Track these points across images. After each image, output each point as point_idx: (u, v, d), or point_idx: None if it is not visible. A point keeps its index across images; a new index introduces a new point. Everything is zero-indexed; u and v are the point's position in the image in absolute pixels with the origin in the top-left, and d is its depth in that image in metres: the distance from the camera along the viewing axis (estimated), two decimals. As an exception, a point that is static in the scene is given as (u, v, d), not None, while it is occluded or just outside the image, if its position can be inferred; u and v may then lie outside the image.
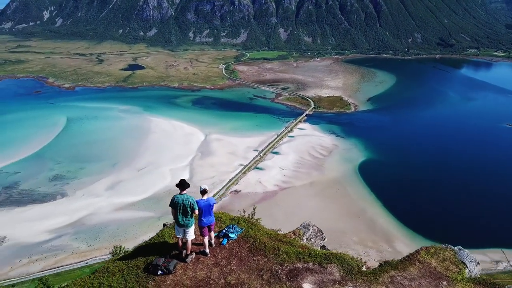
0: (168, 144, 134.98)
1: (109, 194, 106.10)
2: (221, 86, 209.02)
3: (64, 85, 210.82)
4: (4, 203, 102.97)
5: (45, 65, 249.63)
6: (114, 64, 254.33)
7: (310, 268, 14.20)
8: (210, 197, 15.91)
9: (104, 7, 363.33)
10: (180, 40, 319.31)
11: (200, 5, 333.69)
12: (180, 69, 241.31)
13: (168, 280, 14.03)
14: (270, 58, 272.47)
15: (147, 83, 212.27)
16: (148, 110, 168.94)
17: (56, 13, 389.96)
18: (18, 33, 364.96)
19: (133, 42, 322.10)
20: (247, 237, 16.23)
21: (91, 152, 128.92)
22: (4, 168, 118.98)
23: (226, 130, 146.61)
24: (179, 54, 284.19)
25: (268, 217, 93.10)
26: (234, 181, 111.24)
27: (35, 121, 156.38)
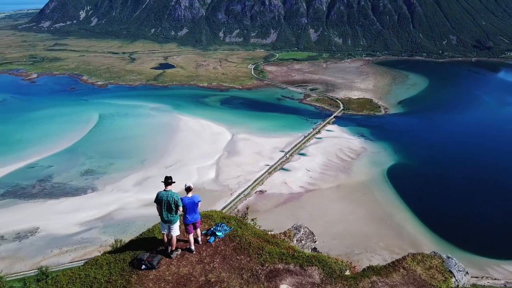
0: (196, 143, 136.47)
1: (137, 189, 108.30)
2: (249, 86, 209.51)
3: (97, 82, 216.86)
4: (38, 195, 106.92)
5: (80, 63, 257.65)
6: (146, 62, 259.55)
7: (291, 269, 14.10)
8: (195, 194, 16.20)
9: (137, 7, 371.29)
10: (210, 40, 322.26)
11: (231, 5, 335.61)
12: (210, 68, 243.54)
13: (151, 275, 14.34)
14: (300, 58, 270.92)
15: (177, 82, 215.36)
16: (177, 108, 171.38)
17: (91, 12, 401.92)
18: (56, 32, 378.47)
19: (165, 41, 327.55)
20: (234, 236, 16.31)
21: (121, 148, 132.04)
22: (40, 161, 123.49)
23: (253, 130, 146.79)
24: (209, 54, 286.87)
25: (292, 219, 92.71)
26: (259, 181, 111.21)
27: (69, 117, 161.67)
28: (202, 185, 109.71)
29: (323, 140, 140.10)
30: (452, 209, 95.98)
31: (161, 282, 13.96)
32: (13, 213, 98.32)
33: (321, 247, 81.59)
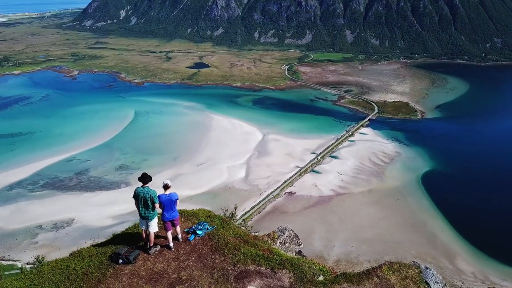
0: (227, 142, 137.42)
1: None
2: (282, 87, 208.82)
3: (134, 80, 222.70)
4: (75, 187, 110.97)
5: (118, 61, 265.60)
6: (181, 62, 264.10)
7: (261, 271, 13.96)
8: (172, 192, 16.26)
9: (175, 7, 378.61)
10: (245, 40, 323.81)
11: (267, 6, 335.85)
12: (244, 68, 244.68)
13: (126, 270, 14.60)
14: (335, 60, 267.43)
15: (211, 82, 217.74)
16: (210, 107, 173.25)
17: (131, 12, 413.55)
18: (97, 31, 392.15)
19: (200, 41, 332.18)
20: (214, 235, 16.28)
21: (155, 145, 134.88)
22: (78, 155, 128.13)
23: (284, 131, 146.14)
24: (243, 54, 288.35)
25: (321, 222, 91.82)
26: (289, 183, 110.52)
27: (106, 113, 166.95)
28: (232, 184, 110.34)
29: (356, 143, 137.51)
30: (490, 220, 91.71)
31: (135, 277, 14.21)
32: (51, 204, 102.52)
33: (350, 252, 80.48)
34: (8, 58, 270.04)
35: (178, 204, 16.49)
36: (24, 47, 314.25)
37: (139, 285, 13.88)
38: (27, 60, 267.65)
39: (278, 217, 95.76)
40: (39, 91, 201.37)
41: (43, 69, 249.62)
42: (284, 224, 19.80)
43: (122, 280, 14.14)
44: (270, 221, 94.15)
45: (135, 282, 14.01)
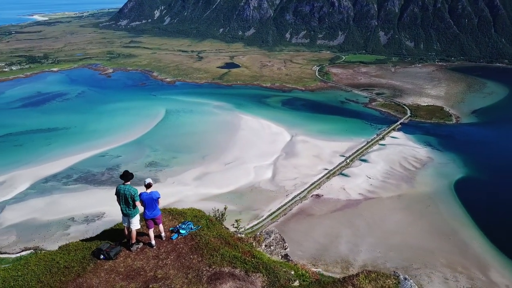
0: (255, 142, 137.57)
1: (197, 184, 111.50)
2: (312, 88, 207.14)
3: (166, 79, 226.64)
4: (106, 182, 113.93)
5: (151, 60, 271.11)
6: (212, 61, 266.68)
7: (235, 274, 13.86)
8: (154, 191, 16.46)
9: (208, 7, 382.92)
10: (276, 41, 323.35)
11: (299, 6, 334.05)
12: (274, 69, 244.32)
13: (106, 265, 14.87)
14: (367, 61, 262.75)
15: (241, 82, 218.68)
16: (239, 107, 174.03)
17: (165, 12, 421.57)
18: (132, 30, 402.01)
19: (232, 41, 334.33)
20: (196, 235, 16.20)
21: (184, 143, 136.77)
22: (109, 151, 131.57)
23: (313, 133, 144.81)
24: (274, 55, 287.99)
25: (348, 226, 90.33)
26: (316, 185, 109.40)
27: (138, 110, 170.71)
28: (258, 184, 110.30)
29: (387, 147, 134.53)
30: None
31: (113, 273, 14.42)
32: (83, 197, 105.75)
33: (377, 257, 78.75)
34: (48, 56, 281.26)
35: (160, 202, 16.64)
36: (63, 45, 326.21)
37: (116, 281, 14.08)
38: (65, 58, 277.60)
39: (304, 220, 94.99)
40: (75, 88, 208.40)
41: (80, 66, 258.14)
42: (270, 227, 19.49)
43: (100, 275, 14.41)
44: (296, 223, 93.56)
45: (112, 278, 14.24)
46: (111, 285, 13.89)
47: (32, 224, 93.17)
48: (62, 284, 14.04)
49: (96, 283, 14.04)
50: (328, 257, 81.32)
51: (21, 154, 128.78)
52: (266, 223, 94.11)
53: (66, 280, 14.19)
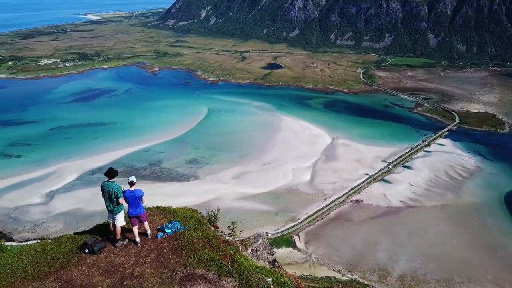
0: (295, 144, 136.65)
1: (235, 182, 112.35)
2: (356, 91, 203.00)
3: (209, 78, 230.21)
4: (148, 177, 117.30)
5: (196, 59, 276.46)
6: (255, 62, 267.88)
7: (207, 277, 13.84)
8: (137, 188, 16.47)
9: (253, 8, 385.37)
10: (321, 42, 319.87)
11: (345, 8, 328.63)
12: (317, 70, 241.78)
13: (89, 259, 15.19)
14: (414, 65, 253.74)
15: (283, 82, 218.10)
16: (280, 108, 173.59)
17: (211, 12, 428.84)
18: (178, 30, 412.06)
19: (275, 41, 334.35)
20: (180, 235, 16.13)
21: (224, 142, 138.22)
22: (153, 147, 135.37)
23: (354, 136, 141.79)
24: (318, 56, 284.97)
25: (388, 234, 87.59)
26: (356, 190, 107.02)
27: (182, 109, 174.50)
28: (296, 187, 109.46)
29: (432, 154, 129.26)
30: None
31: (93, 268, 14.68)
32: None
33: (417, 268, 75.94)
34: (99, 53, 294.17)
35: (144, 200, 16.68)
36: (113, 44, 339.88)
37: (94, 275, 14.30)
38: (115, 56, 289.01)
39: (342, 225, 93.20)
40: (123, 84, 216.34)
41: (128, 64, 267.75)
42: (259, 231, 19.03)
43: (81, 269, 14.71)
44: (333, 228, 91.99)
45: (91, 272, 14.49)
46: (89, 279, 14.16)
47: (78, 213, 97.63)
48: (44, 275, 14.45)
49: (75, 276, 14.36)
50: (365, 264, 79.24)
51: (70, 146, 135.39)
52: (303, 226, 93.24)
53: (49, 271, 14.63)
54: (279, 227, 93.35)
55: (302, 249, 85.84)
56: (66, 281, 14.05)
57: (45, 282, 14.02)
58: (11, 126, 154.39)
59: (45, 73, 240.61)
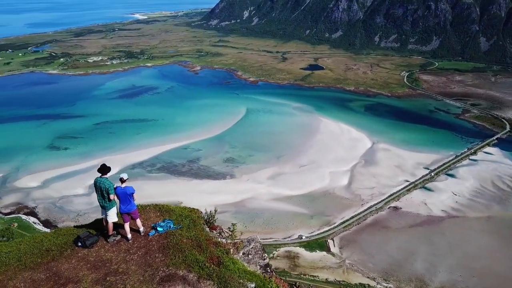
0: (333, 146, 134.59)
1: (270, 183, 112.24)
2: (399, 94, 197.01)
3: (249, 78, 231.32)
4: (186, 173, 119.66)
5: (237, 59, 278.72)
6: (296, 63, 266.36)
7: (187, 279, 13.74)
8: (128, 186, 16.40)
9: (296, 9, 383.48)
10: (364, 44, 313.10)
11: (391, 9, 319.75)
12: (359, 73, 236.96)
13: (80, 253, 15.36)
14: (463, 69, 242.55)
15: (323, 84, 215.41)
16: (319, 110, 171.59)
17: (254, 12, 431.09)
18: (221, 29, 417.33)
19: (317, 43, 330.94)
20: (170, 234, 16.17)
21: (261, 142, 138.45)
22: (192, 144, 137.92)
23: (396, 141, 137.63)
24: (360, 58, 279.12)
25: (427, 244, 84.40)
26: (395, 197, 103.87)
27: (221, 108, 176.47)
28: (332, 190, 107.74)
29: (479, 163, 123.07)
30: None
31: (82, 261, 14.84)
32: (164, 186, 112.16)
33: (457, 282, 72.59)
34: (144, 52, 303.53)
35: (135, 198, 16.66)
36: (158, 43, 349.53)
37: (81, 269, 14.43)
38: (159, 54, 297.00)
39: (378, 231, 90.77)
40: (165, 83, 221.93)
41: (171, 63, 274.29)
42: (252, 235, 18.32)
43: (71, 261, 14.89)
44: (369, 234, 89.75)
45: (79, 266, 14.64)
46: (76, 272, 14.33)
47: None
48: (36, 265, 14.77)
49: (64, 268, 14.59)
50: (402, 273, 76.66)
51: (113, 141, 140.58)
52: (338, 230, 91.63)
53: (41, 262, 14.91)
54: (313, 231, 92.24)
55: (336, 254, 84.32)
56: (55, 272, 14.35)
57: (35, 272, 14.38)
58: (60, 120, 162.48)
59: (93, 70, 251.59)
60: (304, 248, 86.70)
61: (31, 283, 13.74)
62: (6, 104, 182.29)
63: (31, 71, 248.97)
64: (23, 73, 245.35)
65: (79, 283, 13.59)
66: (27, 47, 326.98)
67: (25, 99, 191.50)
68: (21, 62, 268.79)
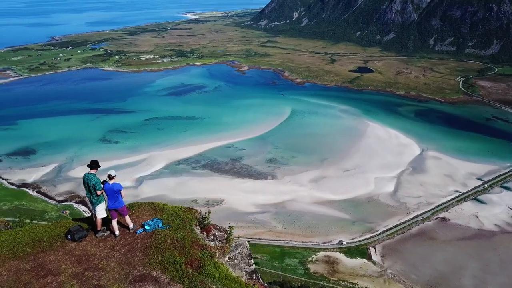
0: (379, 152, 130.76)
1: (312, 186, 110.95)
2: (453, 100, 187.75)
3: (296, 79, 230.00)
4: (228, 172, 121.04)
5: (284, 60, 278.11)
6: (345, 65, 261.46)
7: (159, 280, 13.61)
8: (116, 182, 16.42)
9: (347, 10, 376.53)
10: (417, 47, 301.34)
11: (448, 11, 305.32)
12: (411, 77, 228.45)
13: (68, 246, 15.51)
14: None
15: (372, 87, 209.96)
16: (367, 114, 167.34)
17: (304, 13, 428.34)
18: (270, 30, 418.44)
19: (368, 45, 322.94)
20: (156, 233, 16.06)
21: (304, 144, 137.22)
22: (235, 143, 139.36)
23: (447, 149, 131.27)
24: (413, 61, 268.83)
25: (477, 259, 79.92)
26: (443, 207, 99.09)
27: (266, 108, 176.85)
28: (377, 197, 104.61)
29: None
30: None
31: (68, 254, 14.97)
32: (207, 183, 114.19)
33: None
34: (194, 51, 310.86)
35: (123, 195, 16.69)
36: (207, 42, 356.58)
37: (65, 262, 14.52)
38: (208, 54, 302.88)
39: (424, 242, 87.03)
40: (213, 82, 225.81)
41: (219, 62, 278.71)
42: (241, 240, 17.43)
43: (58, 254, 14.99)
44: (414, 245, 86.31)
45: (64, 258, 14.73)
46: (59, 265, 14.42)
47: (162, 199, 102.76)
48: (25, 255, 15.01)
49: (49, 260, 14.73)
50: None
51: (161, 137, 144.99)
52: (381, 238, 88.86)
53: (30, 253, 15.15)
54: (355, 237, 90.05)
55: (378, 262, 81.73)
56: (40, 263, 14.59)
57: (21, 262, 14.67)
58: (112, 115, 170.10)
59: (145, 67, 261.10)
60: (344, 254, 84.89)
61: (15, 272, 14.04)
62: (65, 98, 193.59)
63: (88, 67, 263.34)
64: (81, 69, 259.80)
65: (58, 276, 13.77)
66: (85, 45, 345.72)
67: (82, 93, 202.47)
68: (79, 59, 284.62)
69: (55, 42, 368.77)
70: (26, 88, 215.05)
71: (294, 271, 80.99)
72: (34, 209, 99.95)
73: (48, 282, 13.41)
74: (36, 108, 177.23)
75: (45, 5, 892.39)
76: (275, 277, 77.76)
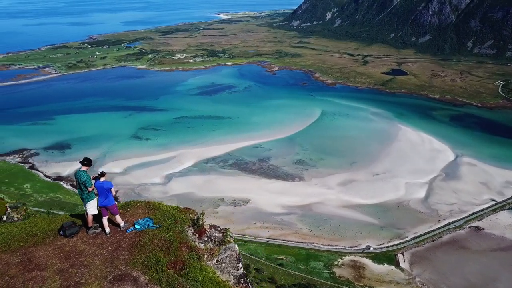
0: (411, 156, 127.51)
1: (340, 189, 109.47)
2: (491, 105, 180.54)
3: (327, 80, 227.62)
4: (256, 172, 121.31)
5: (315, 61, 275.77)
6: (377, 67, 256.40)
7: (138, 280, 13.47)
8: (106, 180, 16.68)
9: (382, 11, 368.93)
10: (455, 49, 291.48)
11: (489, 12, 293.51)
12: (446, 80, 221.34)
13: (59, 242, 15.56)
14: None
15: (405, 90, 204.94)
16: (399, 117, 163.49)
17: (337, 14, 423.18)
18: (302, 31, 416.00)
19: (402, 47, 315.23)
20: (145, 233, 15.98)
21: (333, 146, 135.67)
22: (263, 143, 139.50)
23: (483, 156, 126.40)
24: (449, 64, 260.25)
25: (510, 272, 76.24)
26: (477, 216, 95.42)
27: (296, 109, 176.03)
28: (407, 203, 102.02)
29: None
30: None
31: (58, 250, 15.00)
32: (234, 182, 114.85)
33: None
34: (225, 51, 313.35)
35: (113, 193, 16.82)
36: (239, 42, 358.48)
37: (53, 257, 14.55)
38: (239, 54, 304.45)
39: (455, 251, 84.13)
40: (243, 82, 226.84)
41: (250, 62, 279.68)
42: (232, 244, 16.83)
43: (48, 249, 15.07)
44: (444, 253, 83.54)
45: (53, 254, 14.79)
46: (46, 260, 14.46)
47: (190, 197, 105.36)
48: (17, 249, 15.17)
49: (39, 255, 14.82)
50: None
51: (191, 135, 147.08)
52: (410, 245, 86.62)
53: (23, 246, 15.33)
54: (382, 242, 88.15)
55: (406, 269, 79.64)
56: (28, 258, 14.70)
57: (12, 256, 14.81)
58: (144, 112, 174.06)
59: (177, 66, 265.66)
60: (371, 260, 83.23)
61: (4, 265, 14.20)
62: (100, 95, 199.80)
63: (122, 66, 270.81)
64: (115, 67, 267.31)
65: (43, 271, 13.86)
66: (120, 43, 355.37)
67: (116, 91, 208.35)
68: (115, 57, 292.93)
69: (92, 40, 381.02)
70: (63, 84, 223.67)
71: (319, 274, 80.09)
72: (68, 201, 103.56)
73: (32, 276, 13.57)
74: (73, 105, 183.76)
75: (84, 5, 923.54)
76: (300, 279, 77.24)
